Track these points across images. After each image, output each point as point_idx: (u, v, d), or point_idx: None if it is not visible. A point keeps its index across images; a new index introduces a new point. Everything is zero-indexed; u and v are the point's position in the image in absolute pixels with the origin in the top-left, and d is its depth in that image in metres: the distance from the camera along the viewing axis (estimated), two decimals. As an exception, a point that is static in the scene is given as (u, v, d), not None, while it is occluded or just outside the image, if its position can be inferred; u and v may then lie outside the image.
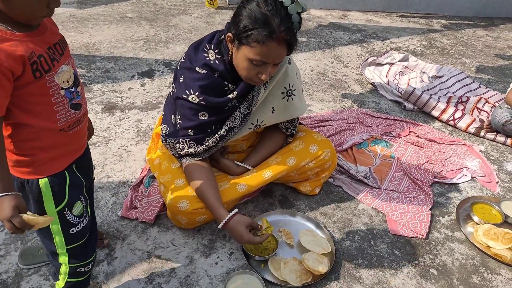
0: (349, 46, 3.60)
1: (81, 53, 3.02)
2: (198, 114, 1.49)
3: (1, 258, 1.46)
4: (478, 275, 1.54)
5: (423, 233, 1.68)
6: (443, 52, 3.69)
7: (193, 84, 1.45)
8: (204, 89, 1.45)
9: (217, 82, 1.46)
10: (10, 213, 0.90)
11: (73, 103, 1.03)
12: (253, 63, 1.33)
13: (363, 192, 1.88)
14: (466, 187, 2.00)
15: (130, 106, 2.42)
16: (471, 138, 2.42)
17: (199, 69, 1.44)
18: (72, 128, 1.04)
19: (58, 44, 1.00)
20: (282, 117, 1.61)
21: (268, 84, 1.52)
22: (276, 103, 1.57)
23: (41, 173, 1.03)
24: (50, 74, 0.95)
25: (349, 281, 1.47)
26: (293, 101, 1.59)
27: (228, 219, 1.41)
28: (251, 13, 1.27)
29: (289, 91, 1.57)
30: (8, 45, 0.87)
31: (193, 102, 1.46)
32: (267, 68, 1.35)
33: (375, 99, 2.76)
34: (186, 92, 1.46)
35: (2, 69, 0.85)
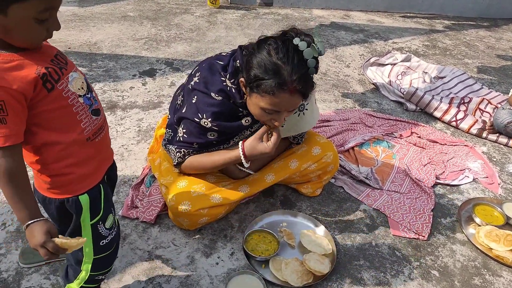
0: (351, 46, 3.59)
1: (83, 52, 3.01)
2: (207, 134, 1.44)
3: (2, 257, 1.45)
4: (480, 277, 1.53)
5: (425, 234, 1.67)
6: (445, 52, 3.68)
7: (207, 109, 1.39)
8: (218, 116, 1.40)
9: (232, 108, 1.41)
10: (43, 238, 0.91)
11: (93, 109, 1.02)
12: (266, 111, 1.28)
13: (365, 193, 1.88)
14: (468, 188, 2.00)
15: (131, 105, 2.42)
16: (473, 139, 2.41)
17: (214, 95, 1.38)
18: (97, 135, 1.04)
19: (59, 55, 0.99)
20: (292, 131, 1.59)
21: None
22: (287, 118, 1.50)
23: (80, 189, 1.04)
24: (61, 83, 0.94)
25: (350, 282, 1.46)
26: (305, 116, 1.56)
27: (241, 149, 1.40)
28: (261, 62, 1.21)
29: (301, 105, 1.52)
30: (13, 67, 0.86)
31: (205, 126, 1.41)
32: (281, 116, 1.29)
33: (377, 100, 2.76)
34: (199, 116, 1.40)
35: (12, 93, 0.84)
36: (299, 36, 1.21)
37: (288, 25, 3.95)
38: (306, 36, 1.22)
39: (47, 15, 0.87)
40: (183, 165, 1.53)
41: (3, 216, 1.61)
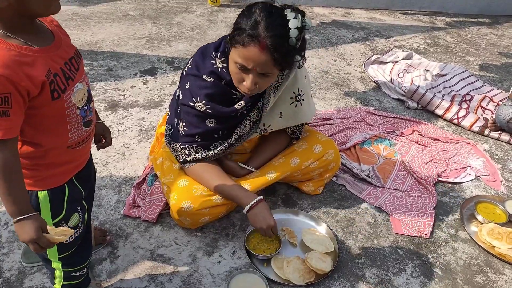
0: (352, 44, 3.58)
1: (84, 51, 3.01)
2: (205, 121, 1.46)
3: (5, 256, 1.46)
4: (482, 275, 1.53)
5: (427, 232, 1.67)
6: (447, 50, 3.67)
7: (200, 92, 1.42)
8: (211, 98, 1.41)
9: (224, 90, 1.42)
10: (35, 234, 0.91)
11: (86, 121, 1.02)
12: (238, 67, 1.28)
13: (366, 191, 1.88)
14: (470, 186, 1.99)
15: (132, 104, 2.42)
16: (475, 136, 2.41)
17: (206, 77, 1.41)
18: (80, 145, 1.04)
19: (74, 58, 0.98)
20: (290, 122, 1.59)
21: (278, 90, 1.48)
22: (284, 108, 1.54)
23: (41, 186, 1.01)
24: (67, 94, 0.93)
25: (352, 280, 1.46)
26: (302, 106, 1.57)
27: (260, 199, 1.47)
28: (244, 17, 1.25)
29: (298, 96, 1.54)
30: (27, 63, 0.85)
31: (200, 109, 1.43)
32: (249, 75, 1.28)
33: (379, 98, 2.75)
34: (193, 99, 1.43)
35: (19, 87, 0.83)
36: (291, 7, 1.25)
37: (289, 23, 3.95)
38: (297, 10, 1.25)
39: None
40: (189, 170, 1.55)
41: (6, 215, 1.61)
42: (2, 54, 0.82)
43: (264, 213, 1.45)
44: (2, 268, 1.42)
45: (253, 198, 1.47)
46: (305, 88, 1.57)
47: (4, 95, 0.82)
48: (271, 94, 1.47)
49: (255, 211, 1.45)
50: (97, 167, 1.89)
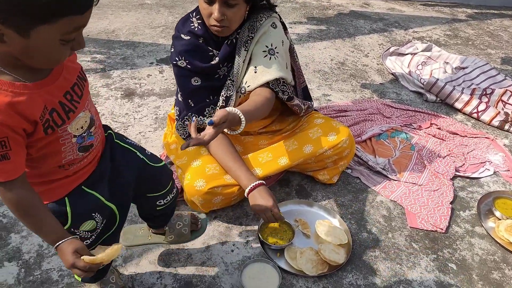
0: (370, 35, 3.53)
1: (101, 39, 3.04)
2: (191, 80, 1.54)
3: (24, 239, 1.49)
4: (499, 271, 1.51)
5: (443, 227, 1.65)
6: (467, 42, 3.58)
7: (180, 49, 1.51)
8: (189, 54, 1.50)
9: (201, 47, 1.51)
10: (72, 259, 0.89)
11: (82, 146, 0.98)
12: (205, 2, 1.37)
13: (382, 184, 1.86)
14: (488, 181, 1.95)
15: (148, 92, 2.43)
16: (495, 131, 2.35)
17: (184, 36, 1.52)
18: (74, 165, 1.00)
19: (77, 85, 0.93)
20: (266, 76, 1.50)
21: (249, 44, 1.51)
22: (258, 62, 1.52)
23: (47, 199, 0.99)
24: (63, 128, 0.90)
25: (366, 273, 1.46)
26: (276, 60, 1.52)
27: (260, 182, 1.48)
28: None
29: (271, 50, 1.52)
30: (22, 102, 0.81)
31: (182, 66, 1.52)
32: (215, 5, 1.36)
33: (396, 90, 2.71)
34: (176, 58, 1.53)
35: (16, 129, 0.81)
36: None
37: (306, 13, 3.90)
38: None
39: (74, 34, 0.80)
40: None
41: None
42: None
43: (263, 194, 1.46)
44: (21, 250, 1.45)
45: (253, 180, 1.49)
46: (279, 47, 1.54)
47: (1, 139, 0.79)
48: (241, 47, 1.51)
49: (254, 193, 1.47)
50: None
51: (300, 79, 1.78)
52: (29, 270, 1.39)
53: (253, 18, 1.52)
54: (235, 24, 1.45)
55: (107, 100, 2.31)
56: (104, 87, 2.44)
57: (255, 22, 1.51)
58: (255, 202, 1.46)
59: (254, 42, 1.52)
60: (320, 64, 2.96)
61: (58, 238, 0.91)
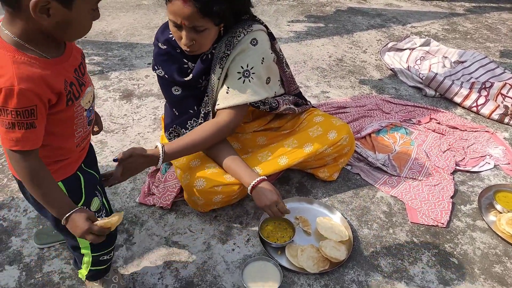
0: (368, 31, 3.52)
1: (99, 41, 3.03)
2: (171, 89, 1.54)
3: (24, 242, 1.49)
4: (501, 265, 1.50)
5: (444, 221, 1.65)
6: (466, 36, 3.57)
7: (157, 59, 1.52)
8: (165, 64, 1.50)
9: (177, 58, 1.49)
10: (87, 225, 0.96)
11: (90, 120, 1.06)
12: (173, 25, 1.34)
13: (382, 180, 1.85)
14: (489, 175, 1.95)
15: (147, 93, 2.43)
16: (495, 125, 2.35)
17: (161, 45, 1.50)
18: (84, 140, 1.08)
19: (81, 64, 1.00)
20: (236, 99, 1.48)
21: (224, 61, 1.46)
22: (231, 83, 1.48)
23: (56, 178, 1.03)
24: (78, 101, 0.97)
25: (367, 269, 1.45)
26: (250, 84, 1.47)
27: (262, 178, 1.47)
28: None
29: (246, 72, 1.46)
30: (49, 75, 0.87)
31: (160, 75, 1.53)
32: (183, 31, 1.32)
33: (395, 85, 2.70)
34: (155, 67, 1.54)
35: (43, 99, 0.86)
36: None
37: (303, 10, 3.90)
38: None
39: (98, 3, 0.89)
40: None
41: (24, 202, 1.64)
42: (25, 68, 0.84)
43: (267, 190, 1.45)
44: (22, 253, 1.45)
45: (255, 177, 1.48)
46: (257, 67, 1.47)
47: (30, 108, 0.85)
48: (217, 65, 1.48)
49: (257, 189, 1.46)
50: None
51: (291, 87, 1.74)
52: (30, 273, 1.39)
53: (231, 32, 1.44)
54: (206, 46, 1.41)
55: (105, 102, 2.31)
56: (102, 89, 2.43)
57: (232, 38, 1.43)
58: (259, 198, 1.46)
59: (230, 60, 1.46)
60: (318, 61, 2.96)
61: (68, 208, 0.97)
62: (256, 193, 1.47)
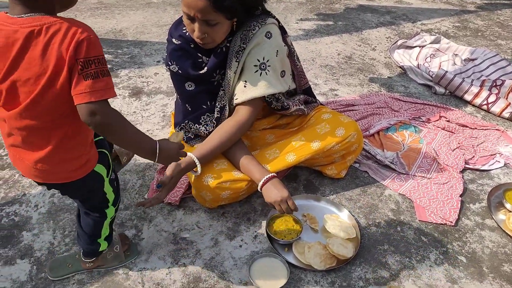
0: (377, 29, 3.50)
1: (109, 39, 3.06)
2: (185, 85, 1.56)
3: (35, 237, 1.52)
4: (510, 264, 1.49)
5: (452, 220, 1.63)
6: (477, 33, 3.53)
7: (171, 54, 1.53)
8: (179, 59, 1.51)
9: (191, 52, 1.51)
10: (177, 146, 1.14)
11: None
12: (186, 17, 1.36)
13: (390, 178, 1.85)
14: (498, 173, 1.93)
15: (156, 91, 2.45)
16: (506, 123, 2.32)
17: (175, 40, 1.52)
18: None
19: None
20: (254, 92, 1.50)
21: (240, 55, 1.49)
22: (248, 77, 1.51)
23: (93, 163, 1.10)
24: None
25: (375, 266, 1.45)
26: (267, 76, 1.50)
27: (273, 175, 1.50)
28: None
29: (262, 64, 1.49)
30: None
31: (174, 71, 1.54)
32: (196, 24, 1.35)
33: (404, 83, 2.68)
34: (168, 63, 1.55)
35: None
36: None
37: (312, 8, 3.89)
38: None
39: None
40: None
41: (36, 198, 1.67)
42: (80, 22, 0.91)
43: (277, 186, 1.47)
44: (33, 248, 1.48)
45: (266, 174, 1.49)
46: (272, 60, 1.49)
47: (102, 56, 0.90)
48: (233, 58, 1.50)
49: (267, 186, 1.47)
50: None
51: (301, 81, 1.77)
52: (41, 267, 1.41)
53: (245, 26, 1.47)
54: (219, 39, 1.44)
55: (115, 99, 2.33)
56: (112, 86, 2.46)
57: (248, 32, 1.47)
58: (270, 195, 1.47)
59: (246, 54, 1.49)
60: (327, 58, 2.95)
61: (154, 141, 1.06)
62: (267, 189, 1.48)
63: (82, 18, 3.41)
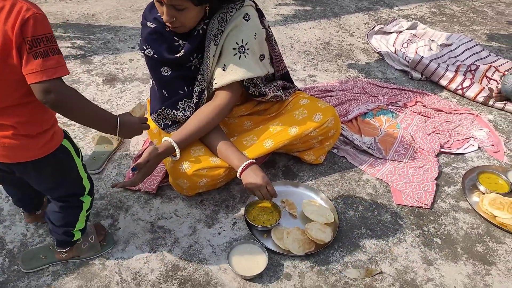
0: (355, 14, 3.50)
1: (81, 24, 2.96)
2: (161, 70, 1.52)
3: (7, 229, 1.47)
4: (483, 244, 1.53)
5: (428, 203, 1.66)
6: (452, 19, 3.57)
7: (146, 38, 1.48)
8: (154, 43, 1.47)
9: (166, 36, 1.46)
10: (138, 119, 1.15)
11: None
12: (156, 1, 1.34)
13: (368, 163, 1.86)
14: (473, 157, 1.97)
15: (131, 77, 2.38)
16: (480, 107, 2.37)
17: (149, 24, 1.47)
18: None
19: None
20: (233, 75, 1.49)
21: (218, 38, 1.47)
22: (227, 60, 1.49)
23: (59, 139, 1.11)
24: None
25: (352, 250, 1.47)
26: (246, 59, 1.49)
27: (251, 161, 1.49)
28: None
29: (241, 47, 1.47)
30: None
31: (149, 56, 1.49)
32: (164, 8, 1.33)
33: (382, 69, 2.70)
34: (143, 47, 1.50)
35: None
36: None
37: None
38: None
39: None
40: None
41: (6, 189, 1.61)
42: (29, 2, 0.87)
43: (256, 172, 1.47)
44: (5, 240, 1.43)
45: (245, 160, 1.48)
46: (251, 43, 1.48)
47: (50, 34, 0.88)
48: (211, 42, 1.48)
49: (246, 172, 1.47)
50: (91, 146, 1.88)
51: (279, 65, 1.75)
52: (13, 259, 1.37)
53: (223, 9, 1.45)
54: (188, 24, 1.40)
55: (88, 86, 2.26)
56: (85, 73, 2.38)
57: (225, 14, 1.45)
58: (249, 181, 1.46)
59: (224, 36, 1.47)
60: (305, 44, 2.93)
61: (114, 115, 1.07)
62: (246, 175, 1.47)
63: (53, 2, 3.28)
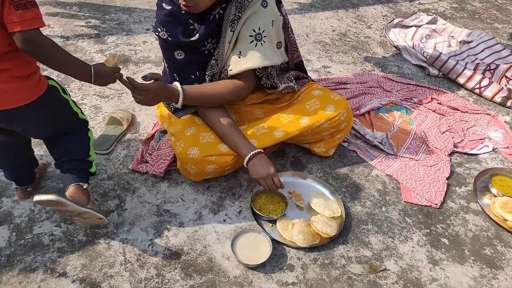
0: (374, 6, 3.42)
1: (96, 4, 2.94)
2: (174, 53, 1.49)
3: (15, 203, 1.48)
4: (491, 247, 1.51)
5: (437, 202, 1.64)
6: (474, 16, 3.48)
7: (161, 20, 1.46)
8: (170, 25, 1.44)
9: (182, 18, 1.44)
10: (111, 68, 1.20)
11: None
12: None
13: (378, 158, 1.83)
14: (486, 158, 1.93)
15: (144, 59, 2.37)
16: (497, 107, 2.31)
17: (165, 5, 1.44)
18: None
19: None
20: (249, 63, 1.47)
21: (235, 24, 1.45)
22: (243, 47, 1.47)
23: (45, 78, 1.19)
24: None
25: (357, 245, 1.45)
26: (262, 47, 1.46)
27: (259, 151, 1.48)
28: None
29: (258, 35, 1.45)
30: None
31: (163, 38, 1.46)
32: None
33: (398, 63, 2.64)
34: (158, 29, 1.47)
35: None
36: None
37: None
38: None
39: None
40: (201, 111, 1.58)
41: (16, 164, 1.62)
42: None
43: (263, 163, 1.46)
44: (13, 214, 1.45)
45: (253, 149, 1.47)
46: (268, 30, 1.46)
47: None
48: (227, 28, 1.45)
49: (253, 161, 1.46)
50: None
51: (294, 54, 1.72)
52: (20, 234, 1.38)
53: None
54: (202, 4, 1.37)
55: (101, 66, 2.26)
56: (99, 53, 2.38)
57: (243, 0, 1.42)
58: (255, 170, 1.45)
59: (241, 23, 1.44)
60: (321, 34, 2.88)
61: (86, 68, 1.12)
62: (252, 165, 1.45)
63: (69, -20, 3.26)
